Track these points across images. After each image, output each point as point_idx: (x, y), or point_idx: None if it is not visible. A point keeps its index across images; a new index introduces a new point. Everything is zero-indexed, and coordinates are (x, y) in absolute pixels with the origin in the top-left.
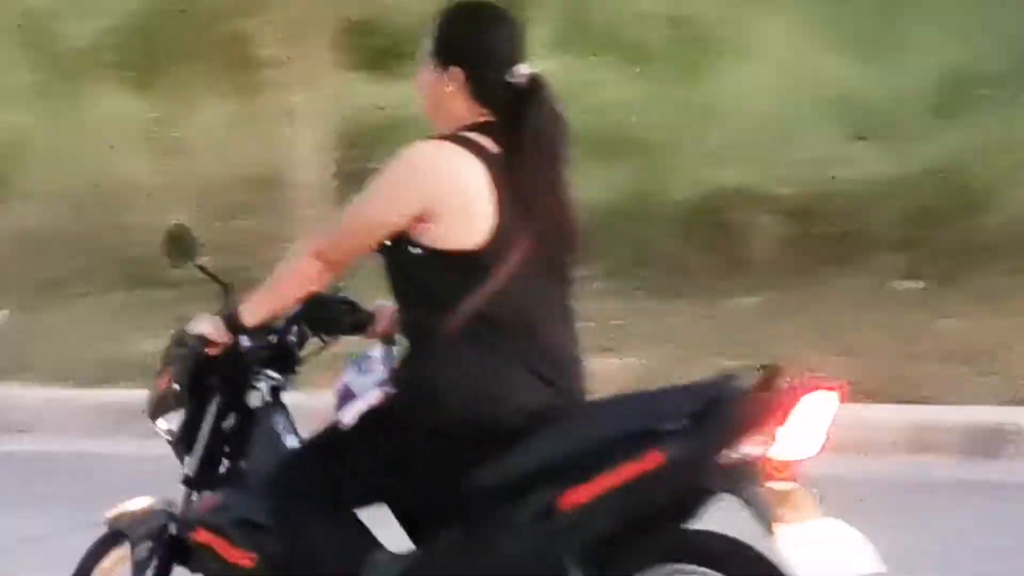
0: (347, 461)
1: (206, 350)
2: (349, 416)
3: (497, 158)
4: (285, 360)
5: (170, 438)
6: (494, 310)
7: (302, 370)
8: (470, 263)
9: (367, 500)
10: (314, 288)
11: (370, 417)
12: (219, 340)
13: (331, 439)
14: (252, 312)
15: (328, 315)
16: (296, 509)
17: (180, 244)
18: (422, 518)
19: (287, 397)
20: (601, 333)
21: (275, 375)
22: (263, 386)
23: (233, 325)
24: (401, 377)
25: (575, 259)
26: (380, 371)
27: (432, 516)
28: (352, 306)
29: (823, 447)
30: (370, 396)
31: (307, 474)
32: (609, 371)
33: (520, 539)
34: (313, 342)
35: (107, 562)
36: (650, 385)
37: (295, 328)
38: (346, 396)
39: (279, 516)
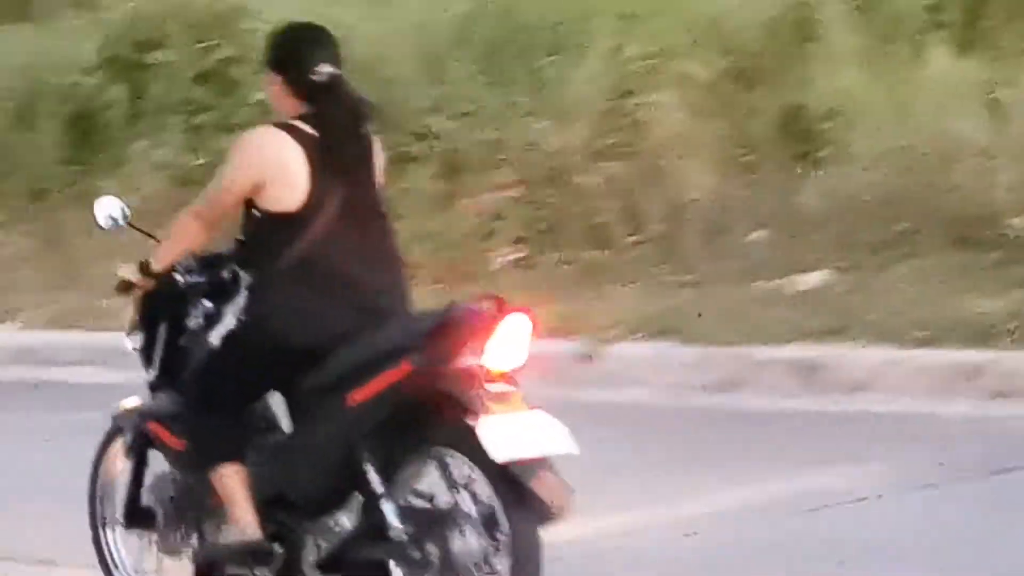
0: (220, 371)
1: (135, 288)
2: (215, 337)
3: (312, 139)
4: (221, 294)
5: (137, 352)
6: (310, 257)
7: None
8: (291, 221)
9: (242, 399)
10: (199, 241)
11: (229, 338)
12: (137, 283)
13: (209, 354)
14: (158, 259)
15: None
16: (194, 407)
17: (108, 209)
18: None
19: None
20: None
21: (208, 304)
22: (199, 313)
23: (145, 270)
24: (245, 308)
25: (383, 215)
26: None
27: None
28: None
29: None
30: (227, 322)
31: (201, 380)
32: None
33: (324, 429)
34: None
35: (112, 450)
36: None
37: (230, 268)
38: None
39: (186, 412)
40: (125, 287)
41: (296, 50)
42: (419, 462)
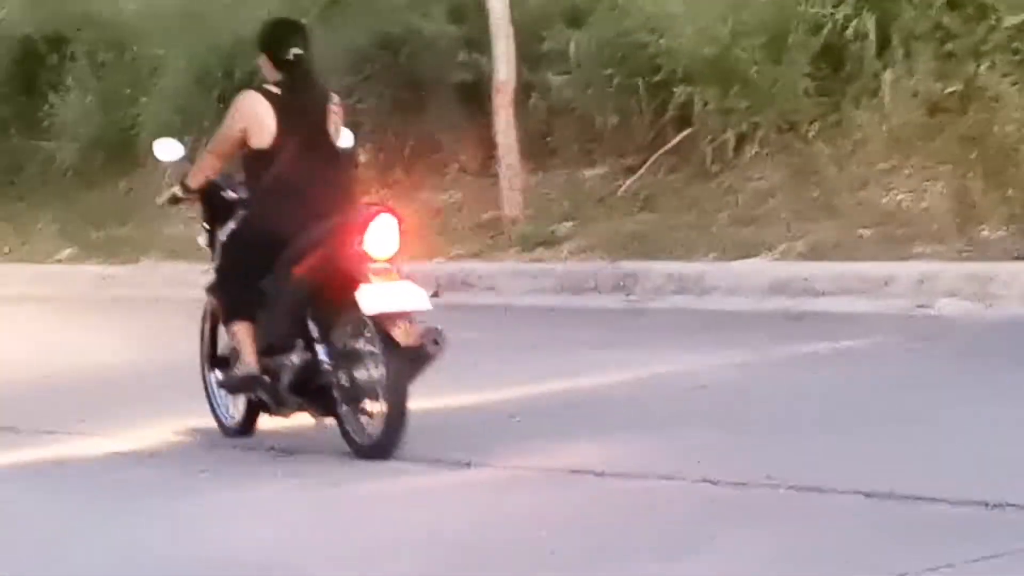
0: (227, 258)
1: (180, 200)
2: (222, 235)
3: (278, 98)
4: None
5: (205, 247)
6: (278, 178)
7: None
8: (265, 154)
9: (244, 277)
10: (215, 169)
11: (231, 234)
12: (181, 196)
13: (222, 246)
14: (192, 181)
15: None
16: (219, 283)
17: (167, 147)
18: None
19: None
20: None
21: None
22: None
23: (185, 188)
24: (239, 214)
25: (334, 150)
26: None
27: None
28: None
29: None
30: (232, 222)
31: (218, 264)
32: None
33: (283, 294)
34: None
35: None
36: None
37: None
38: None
39: (218, 287)
40: (174, 200)
41: (275, 37)
42: (345, 318)
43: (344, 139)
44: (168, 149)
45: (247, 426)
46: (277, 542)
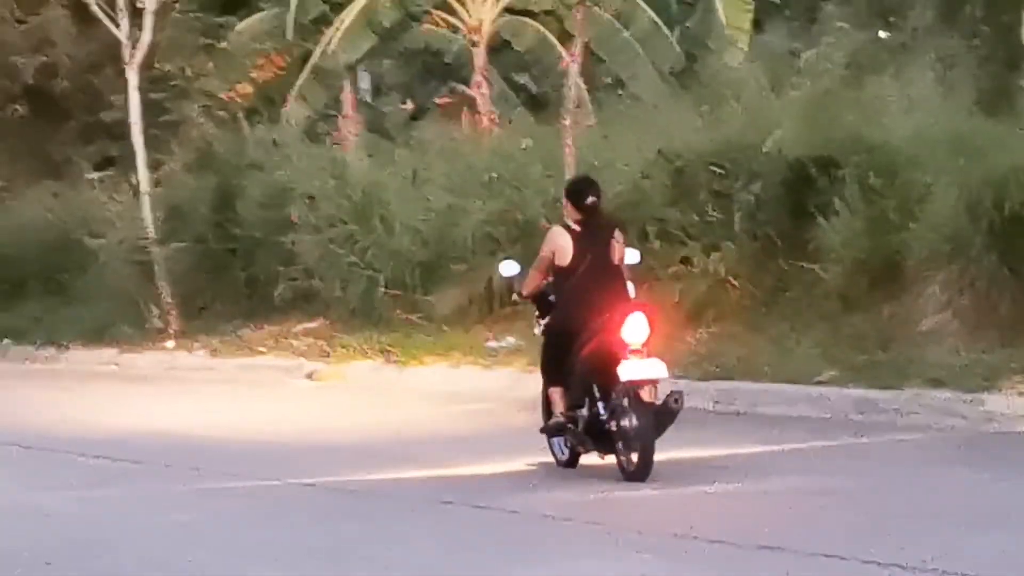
0: (548, 341)
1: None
2: (538, 330)
3: (577, 233)
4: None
5: (536, 334)
6: (575, 287)
7: None
8: (566, 271)
9: (557, 358)
10: (537, 282)
11: (545, 326)
12: (520, 298)
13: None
14: (525, 290)
15: None
16: (542, 361)
17: (509, 269)
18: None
19: None
20: None
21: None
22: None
23: (519, 295)
24: (552, 313)
25: (616, 268)
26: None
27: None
28: None
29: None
30: (544, 321)
31: (544, 349)
32: None
33: (577, 368)
34: None
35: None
36: None
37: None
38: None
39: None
40: (519, 299)
41: (576, 190)
42: (615, 385)
43: (630, 257)
44: (509, 268)
45: (572, 463)
46: None
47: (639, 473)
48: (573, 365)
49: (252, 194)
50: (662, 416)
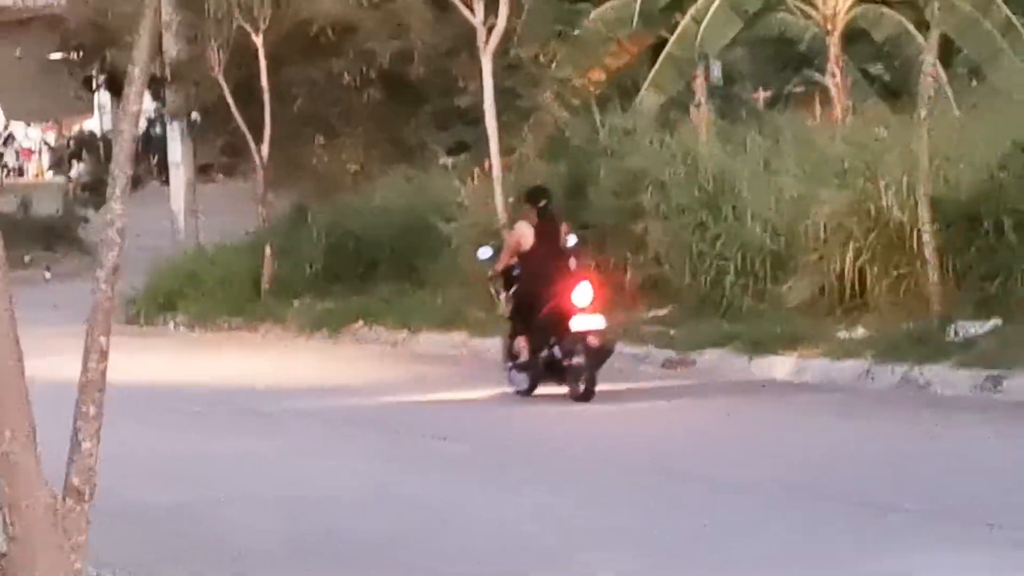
0: (516, 304)
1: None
2: (503, 298)
3: (536, 226)
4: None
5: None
6: (533, 266)
7: None
8: (528, 254)
9: (522, 318)
10: (506, 263)
11: (514, 293)
12: (492, 275)
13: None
14: (497, 266)
15: None
16: (511, 321)
17: (483, 253)
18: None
19: None
20: None
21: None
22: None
23: (492, 269)
24: (516, 283)
25: (564, 251)
26: None
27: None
28: None
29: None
30: (511, 291)
31: (512, 310)
32: None
33: (539, 325)
34: None
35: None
36: None
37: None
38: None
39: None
40: (491, 277)
41: (534, 196)
42: (567, 334)
43: (570, 240)
44: (484, 252)
45: (530, 391)
46: None
47: (586, 396)
48: (536, 320)
49: (603, 181)
50: (601, 355)
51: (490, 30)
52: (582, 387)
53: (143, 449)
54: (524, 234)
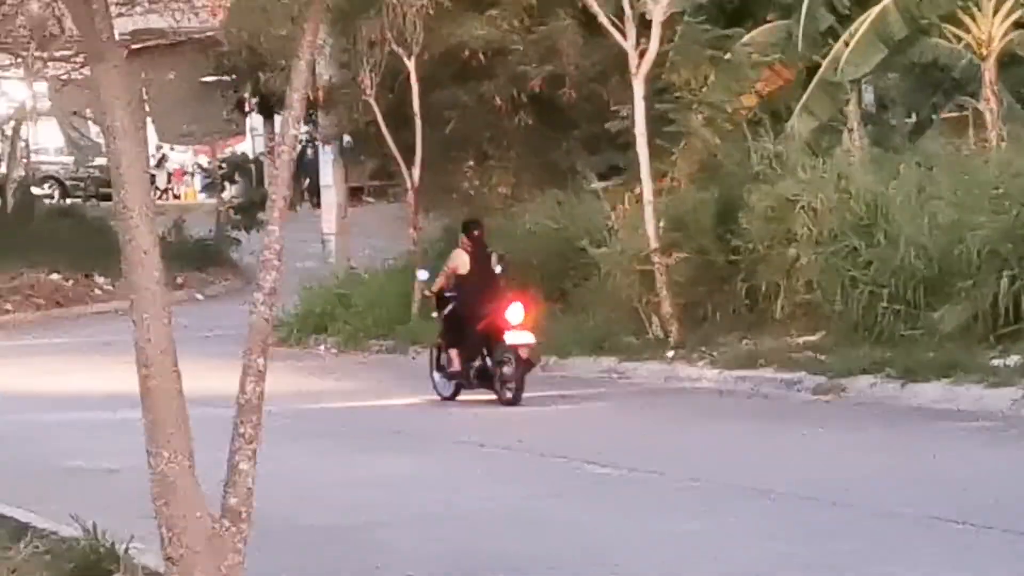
0: (450, 322)
1: (427, 298)
2: (444, 312)
3: (471, 253)
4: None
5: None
6: (467, 287)
7: None
8: (464, 277)
9: (456, 332)
10: (442, 286)
11: (449, 312)
12: (427, 296)
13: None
14: (434, 287)
15: None
16: (443, 336)
17: (421, 276)
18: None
19: None
20: None
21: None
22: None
23: (428, 289)
24: (452, 304)
25: (495, 274)
26: None
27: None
28: None
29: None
30: (449, 306)
31: (444, 326)
32: None
33: (473, 339)
34: None
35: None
36: None
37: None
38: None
39: (443, 337)
40: (426, 296)
41: (467, 226)
42: (499, 347)
43: (498, 268)
44: (422, 274)
45: (453, 397)
46: None
47: (514, 401)
48: (471, 334)
49: (754, 206)
50: (530, 366)
51: (641, 54)
52: (509, 394)
53: (293, 471)
54: (462, 260)
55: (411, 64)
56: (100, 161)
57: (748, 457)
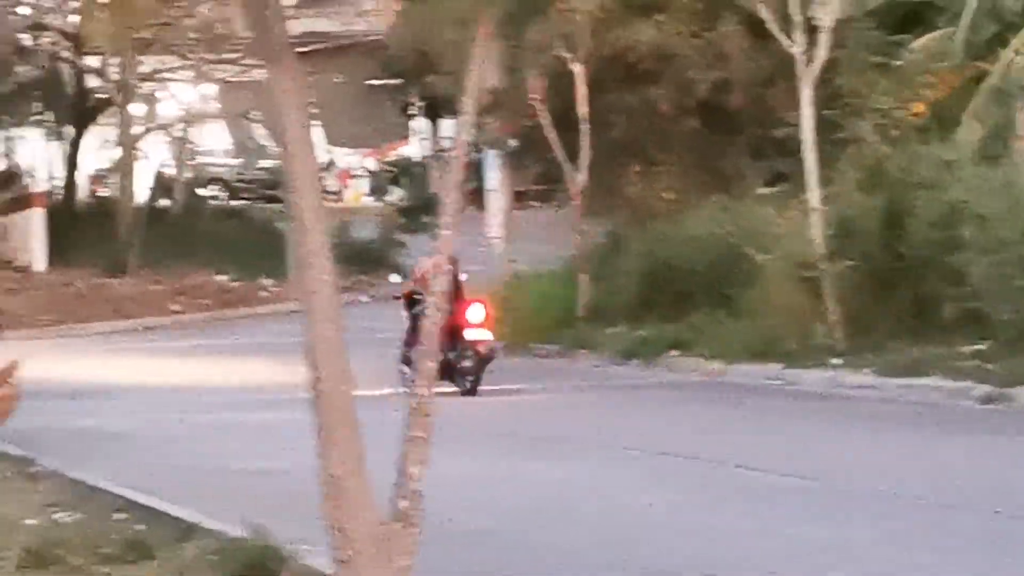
0: (414, 324)
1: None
2: (414, 312)
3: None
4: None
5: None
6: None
7: None
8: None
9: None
10: (410, 288)
11: (420, 312)
12: (402, 296)
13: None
14: (403, 290)
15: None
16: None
17: (393, 280)
18: None
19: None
20: None
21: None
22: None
23: (399, 293)
24: (422, 305)
25: (460, 281)
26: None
27: None
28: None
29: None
30: (418, 307)
31: (411, 324)
32: None
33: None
34: None
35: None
36: None
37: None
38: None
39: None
40: (397, 297)
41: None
42: (461, 343)
43: (462, 276)
44: (394, 278)
45: None
46: None
47: (472, 392)
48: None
49: (922, 213)
50: (487, 360)
51: (810, 60)
52: (468, 384)
53: (455, 473)
54: (429, 267)
55: (577, 68)
56: (266, 163)
57: (913, 467)
